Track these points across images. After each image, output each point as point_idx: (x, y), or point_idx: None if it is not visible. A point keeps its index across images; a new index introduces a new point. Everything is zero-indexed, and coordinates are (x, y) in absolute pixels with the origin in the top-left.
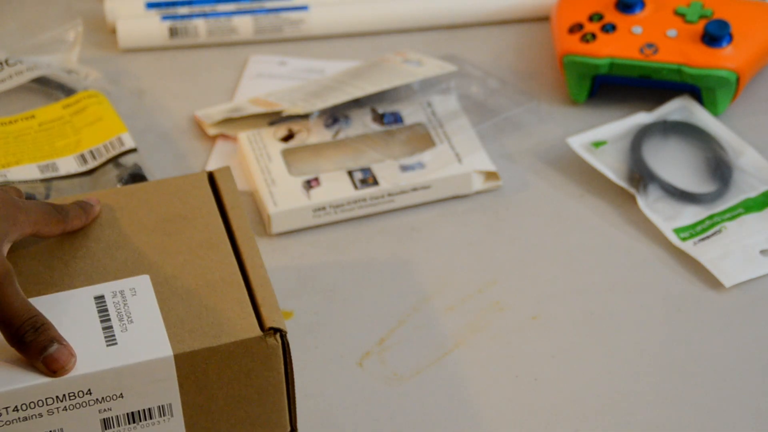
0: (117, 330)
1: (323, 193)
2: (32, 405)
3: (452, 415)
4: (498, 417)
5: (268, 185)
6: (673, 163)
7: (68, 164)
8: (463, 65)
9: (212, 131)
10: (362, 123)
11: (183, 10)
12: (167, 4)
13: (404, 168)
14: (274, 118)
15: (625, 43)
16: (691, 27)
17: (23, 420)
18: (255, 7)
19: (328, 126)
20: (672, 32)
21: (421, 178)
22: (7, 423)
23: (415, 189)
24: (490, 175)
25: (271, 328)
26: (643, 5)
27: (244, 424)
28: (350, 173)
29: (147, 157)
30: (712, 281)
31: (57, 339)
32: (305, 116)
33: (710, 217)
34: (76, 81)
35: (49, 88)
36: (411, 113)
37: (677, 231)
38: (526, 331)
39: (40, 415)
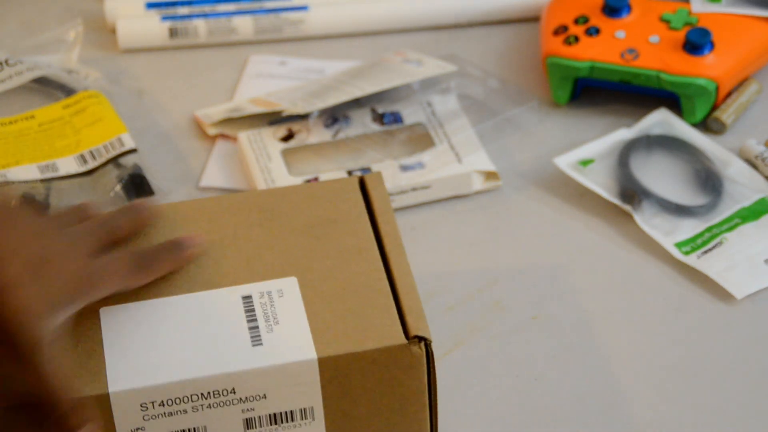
0: (263, 330)
1: None
2: (177, 401)
3: (452, 415)
4: (498, 417)
5: (267, 185)
6: (663, 177)
7: (68, 164)
8: (463, 65)
9: (212, 131)
10: (362, 123)
11: (183, 11)
12: (167, 5)
13: (404, 168)
14: (274, 118)
15: (607, 47)
16: (674, 34)
17: (168, 415)
18: (255, 7)
19: (327, 126)
20: (654, 38)
21: (420, 178)
22: (153, 417)
23: (414, 189)
24: (490, 175)
25: (416, 336)
26: (629, 10)
27: (386, 430)
28: (350, 173)
29: (147, 158)
30: (714, 290)
31: (89, 418)
32: (305, 116)
33: (709, 229)
34: (76, 81)
35: (49, 88)
36: (411, 113)
37: (679, 245)
38: (526, 331)
39: (185, 411)
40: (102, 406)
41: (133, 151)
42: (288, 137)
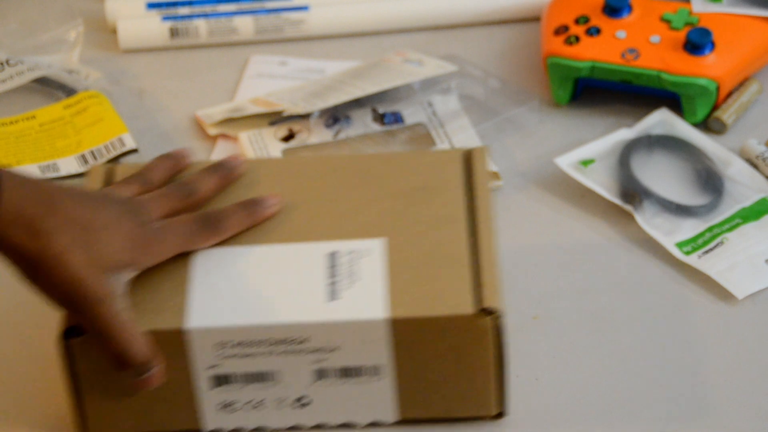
0: (342, 286)
1: None
2: (252, 344)
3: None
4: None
5: None
6: (663, 177)
7: (69, 165)
8: (464, 65)
9: (213, 131)
10: (363, 123)
11: (184, 11)
12: (168, 5)
13: None
14: (275, 118)
15: (608, 47)
16: (675, 34)
17: (243, 357)
18: (255, 7)
19: (328, 126)
20: (655, 38)
21: None
22: (228, 357)
23: None
24: (491, 175)
25: (485, 309)
26: (630, 10)
27: (450, 398)
28: None
29: (148, 158)
30: (714, 290)
31: (156, 364)
32: (306, 116)
33: (710, 229)
34: (77, 81)
35: (50, 88)
36: (412, 113)
37: (679, 245)
38: (526, 331)
39: (259, 355)
40: (180, 341)
41: (134, 151)
42: (289, 137)
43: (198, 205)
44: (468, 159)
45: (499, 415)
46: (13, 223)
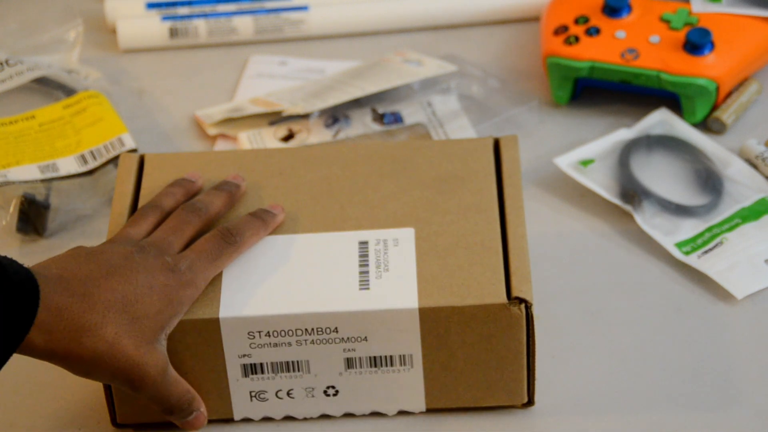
0: (372, 276)
1: None
2: (282, 333)
3: (453, 415)
4: (499, 416)
5: None
6: (663, 177)
7: (68, 164)
8: (463, 65)
9: (212, 131)
10: (362, 123)
11: (183, 11)
12: (167, 5)
13: None
14: (275, 118)
15: (607, 48)
16: (674, 34)
17: (273, 346)
18: (255, 7)
19: (328, 126)
20: (655, 38)
21: None
22: (259, 346)
23: None
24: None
25: (516, 298)
26: (630, 10)
27: (481, 387)
28: None
29: None
30: (714, 290)
31: (197, 407)
32: (305, 116)
33: (709, 229)
34: (77, 81)
35: (50, 88)
36: (411, 113)
37: (679, 245)
38: None
39: (289, 344)
40: (212, 330)
41: (133, 151)
42: (288, 137)
43: (212, 221)
44: (498, 147)
45: (529, 403)
46: (56, 328)
